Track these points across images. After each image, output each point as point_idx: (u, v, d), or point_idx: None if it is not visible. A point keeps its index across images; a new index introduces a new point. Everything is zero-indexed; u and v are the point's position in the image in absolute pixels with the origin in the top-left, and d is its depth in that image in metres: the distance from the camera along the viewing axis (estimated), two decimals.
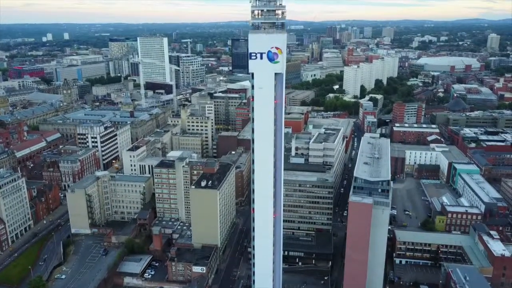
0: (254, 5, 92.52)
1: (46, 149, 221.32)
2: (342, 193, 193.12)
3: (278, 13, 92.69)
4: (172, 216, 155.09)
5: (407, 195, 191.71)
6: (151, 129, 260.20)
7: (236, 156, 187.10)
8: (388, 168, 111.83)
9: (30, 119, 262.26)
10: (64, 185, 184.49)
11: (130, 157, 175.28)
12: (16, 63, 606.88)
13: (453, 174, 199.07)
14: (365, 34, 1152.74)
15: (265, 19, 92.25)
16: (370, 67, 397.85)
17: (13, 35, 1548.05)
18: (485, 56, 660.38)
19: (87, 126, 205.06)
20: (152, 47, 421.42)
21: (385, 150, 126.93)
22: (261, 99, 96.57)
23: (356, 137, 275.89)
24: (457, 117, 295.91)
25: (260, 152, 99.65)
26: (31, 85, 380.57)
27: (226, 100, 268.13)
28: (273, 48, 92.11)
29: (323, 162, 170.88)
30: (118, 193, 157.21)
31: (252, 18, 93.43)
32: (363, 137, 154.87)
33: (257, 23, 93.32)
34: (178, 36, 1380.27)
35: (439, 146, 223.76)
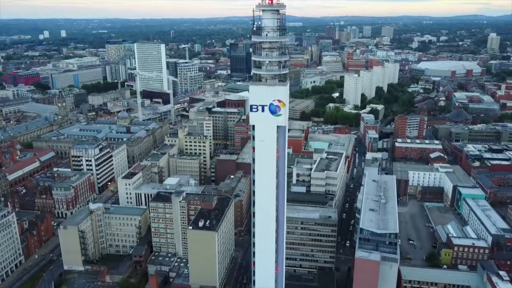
0: (256, 56, 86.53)
1: (39, 170, 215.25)
2: (344, 219, 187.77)
3: (280, 64, 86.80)
4: (169, 251, 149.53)
5: (411, 221, 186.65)
6: (148, 146, 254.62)
7: (235, 181, 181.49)
8: (396, 218, 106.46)
9: (24, 135, 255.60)
10: (58, 213, 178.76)
11: (125, 185, 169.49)
12: (12, 67, 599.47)
13: (457, 198, 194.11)
14: (364, 33, 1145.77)
15: (267, 70, 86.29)
16: (370, 75, 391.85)
17: (9, 32, 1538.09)
18: (486, 59, 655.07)
19: (82, 148, 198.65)
20: (149, 54, 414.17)
21: (391, 191, 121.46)
22: (262, 151, 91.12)
23: (358, 152, 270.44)
24: (460, 131, 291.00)
25: (261, 207, 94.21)
26: (25, 94, 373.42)
27: (225, 116, 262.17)
28: (275, 100, 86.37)
29: (325, 191, 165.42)
30: (112, 226, 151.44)
31: (254, 69, 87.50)
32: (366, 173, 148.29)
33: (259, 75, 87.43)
34: (176, 34, 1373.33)
35: (442, 166, 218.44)
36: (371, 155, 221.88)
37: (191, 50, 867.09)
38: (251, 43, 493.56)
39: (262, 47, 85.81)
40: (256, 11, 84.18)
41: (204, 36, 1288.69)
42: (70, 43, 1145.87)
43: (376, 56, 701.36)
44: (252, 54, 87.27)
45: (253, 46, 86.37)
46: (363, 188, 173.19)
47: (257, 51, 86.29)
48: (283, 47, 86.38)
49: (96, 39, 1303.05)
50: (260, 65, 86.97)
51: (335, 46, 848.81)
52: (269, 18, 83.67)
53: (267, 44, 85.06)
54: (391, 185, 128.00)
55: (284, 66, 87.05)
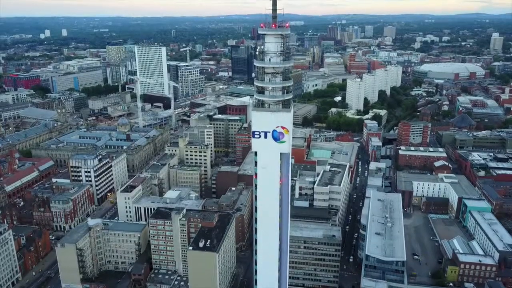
0: (259, 82, 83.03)
1: (38, 180, 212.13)
2: (347, 231, 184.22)
3: (284, 89, 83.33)
4: (169, 269, 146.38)
5: (415, 234, 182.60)
6: (148, 154, 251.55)
7: (236, 194, 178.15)
8: (403, 243, 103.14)
9: (22, 143, 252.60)
10: (56, 226, 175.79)
11: (124, 199, 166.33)
12: (12, 68, 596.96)
13: (463, 211, 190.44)
14: (366, 33, 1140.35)
15: (270, 96, 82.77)
16: (373, 79, 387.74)
17: (11, 31, 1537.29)
18: (489, 60, 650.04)
19: (81, 158, 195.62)
20: (150, 57, 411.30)
21: (397, 212, 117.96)
22: (265, 179, 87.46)
23: (361, 160, 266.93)
24: (464, 137, 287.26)
25: (264, 236, 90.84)
26: (25, 98, 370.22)
27: (226, 123, 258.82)
28: (278, 127, 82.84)
29: (329, 205, 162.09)
30: (111, 243, 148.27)
31: (257, 95, 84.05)
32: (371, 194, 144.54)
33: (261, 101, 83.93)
34: (177, 34, 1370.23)
35: (447, 176, 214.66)
36: (374, 165, 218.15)
37: (192, 50, 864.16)
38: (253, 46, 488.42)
39: (265, 72, 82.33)
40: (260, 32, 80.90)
41: (205, 36, 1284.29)
42: (71, 42, 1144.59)
43: (378, 57, 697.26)
44: (255, 79, 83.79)
45: (255, 70, 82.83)
46: (368, 202, 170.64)
47: (259, 76, 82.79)
48: (287, 71, 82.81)
49: (97, 38, 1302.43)
50: (263, 90, 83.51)
51: (337, 47, 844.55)
52: (272, 42, 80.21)
53: (270, 69, 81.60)
54: (397, 205, 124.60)
55: (288, 91, 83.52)
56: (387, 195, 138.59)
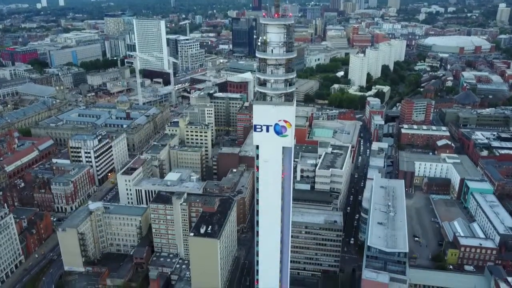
0: (261, 74, 79.93)
1: (38, 160, 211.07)
2: (348, 213, 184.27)
3: (287, 82, 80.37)
4: (171, 251, 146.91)
5: (416, 215, 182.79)
6: (149, 133, 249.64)
7: (237, 175, 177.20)
8: (405, 233, 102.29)
9: (21, 121, 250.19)
10: (57, 207, 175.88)
11: (125, 181, 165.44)
12: (9, 41, 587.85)
13: (465, 192, 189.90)
14: (370, 3, 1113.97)
15: (272, 89, 79.88)
16: (376, 54, 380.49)
17: (6, 1, 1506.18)
18: (495, 33, 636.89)
19: (80, 139, 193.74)
20: (149, 31, 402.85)
21: (400, 200, 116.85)
22: (266, 172, 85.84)
23: (363, 138, 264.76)
24: (468, 115, 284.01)
25: (266, 229, 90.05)
26: (23, 74, 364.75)
27: (227, 101, 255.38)
28: (280, 121, 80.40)
29: (330, 189, 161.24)
30: (113, 226, 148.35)
31: (258, 87, 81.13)
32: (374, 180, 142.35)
33: (263, 93, 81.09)
34: (177, 3, 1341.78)
35: (450, 157, 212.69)
36: (376, 145, 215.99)
37: (192, 22, 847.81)
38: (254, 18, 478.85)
39: (267, 64, 79.16)
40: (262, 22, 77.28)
41: (205, 6, 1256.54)
42: (68, 13, 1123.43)
43: (382, 29, 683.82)
44: (256, 71, 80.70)
45: (257, 61, 79.68)
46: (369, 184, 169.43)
47: (261, 67, 79.67)
48: (290, 63, 79.65)
49: (95, 8, 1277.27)
50: (265, 82, 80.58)
51: (340, 18, 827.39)
52: (274, 32, 76.67)
53: (272, 60, 78.40)
54: (400, 193, 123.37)
55: (291, 83, 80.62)
56: (389, 182, 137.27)
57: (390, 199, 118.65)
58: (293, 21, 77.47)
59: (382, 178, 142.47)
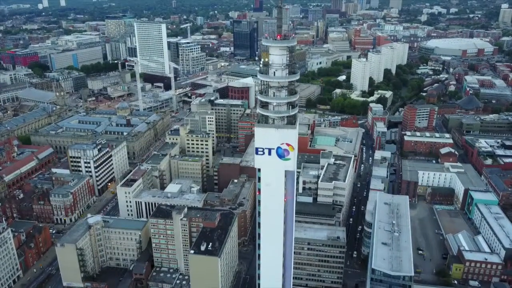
0: (262, 96, 77.63)
1: (37, 169, 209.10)
2: (351, 224, 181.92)
3: (289, 105, 78.05)
4: (171, 266, 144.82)
5: (420, 226, 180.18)
6: (149, 140, 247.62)
7: (238, 186, 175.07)
8: (410, 254, 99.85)
9: (21, 128, 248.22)
10: (56, 219, 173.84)
11: (125, 193, 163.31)
12: (10, 43, 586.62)
13: (469, 203, 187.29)
14: (372, 4, 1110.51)
15: (275, 112, 77.53)
16: (379, 57, 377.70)
17: (8, 1, 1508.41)
18: (498, 35, 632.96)
19: (80, 148, 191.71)
20: (150, 34, 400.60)
21: (405, 218, 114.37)
22: (268, 196, 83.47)
23: (365, 145, 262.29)
24: (471, 122, 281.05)
25: (267, 254, 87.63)
26: (23, 78, 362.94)
27: (228, 108, 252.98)
28: (283, 144, 78.08)
29: (333, 201, 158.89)
30: (112, 240, 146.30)
31: (260, 109, 78.81)
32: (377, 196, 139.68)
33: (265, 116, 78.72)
34: (178, 4, 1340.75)
35: (454, 166, 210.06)
36: (379, 154, 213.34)
37: (193, 23, 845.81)
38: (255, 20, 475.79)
39: (269, 86, 76.84)
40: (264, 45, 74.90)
41: (207, 6, 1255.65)
42: (69, 14, 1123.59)
43: (384, 31, 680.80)
44: (258, 93, 78.38)
45: (260, 84, 77.35)
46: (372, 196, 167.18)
47: (263, 89, 77.38)
48: (292, 85, 77.33)
49: (96, 9, 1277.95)
50: (267, 104, 78.27)
51: (341, 19, 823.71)
52: (277, 54, 74.33)
53: (275, 83, 76.08)
54: (404, 210, 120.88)
55: (294, 106, 78.28)
56: (393, 198, 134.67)
57: (394, 216, 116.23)
58: (295, 43, 75.09)
59: (386, 194, 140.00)
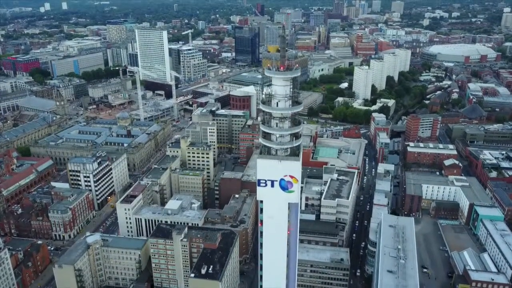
0: (265, 127, 75.04)
1: (36, 181, 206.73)
2: (354, 240, 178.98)
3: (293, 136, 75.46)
4: (171, 287, 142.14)
5: (424, 243, 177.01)
6: (150, 151, 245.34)
7: (240, 202, 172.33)
8: (417, 285, 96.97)
9: (20, 139, 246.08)
10: (55, 235, 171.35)
11: (124, 210, 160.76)
12: (11, 49, 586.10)
13: (474, 218, 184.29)
14: (374, 7, 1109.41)
15: (278, 143, 74.96)
16: (381, 65, 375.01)
17: (10, 4, 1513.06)
18: (500, 40, 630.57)
19: (79, 162, 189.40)
20: (151, 40, 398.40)
21: (411, 242, 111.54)
22: (271, 228, 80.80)
23: (368, 156, 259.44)
24: (475, 132, 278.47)
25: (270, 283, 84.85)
26: (24, 86, 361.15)
27: (229, 119, 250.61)
28: (286, 176, 75.49)
29: (336, 219, 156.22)
30: (111, 259, 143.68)
31: (262, 140, 76.23)
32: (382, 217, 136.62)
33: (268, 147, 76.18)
34: (180, 8, 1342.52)
35: (458, 179, 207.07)
36: (383, 167, 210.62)
37: (195, 27, 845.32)
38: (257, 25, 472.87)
39: (272, 116, 74.28)
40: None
41: (208, 10, 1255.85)
42: (71, 17, 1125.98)
43: (386, 36, 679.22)
44: (261, 125, 75.79)
45: (262, 114, 74.83)
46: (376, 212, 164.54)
47: (265, 120, 74.84)
48: (296, 115, 74.78)
49: (98, 12, 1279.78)
50: (270, 135, 75.67)
51: (343, 24, 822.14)
52: (280, 85, 71.82)
53: (277, 113, 73.51)
54: (410, 233, 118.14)
55: (297, 136, 75.70)
56: (398, 220, 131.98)
57: (399, 241, 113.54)
58: (299, 73, 72.56)
59: (391, 216, 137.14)
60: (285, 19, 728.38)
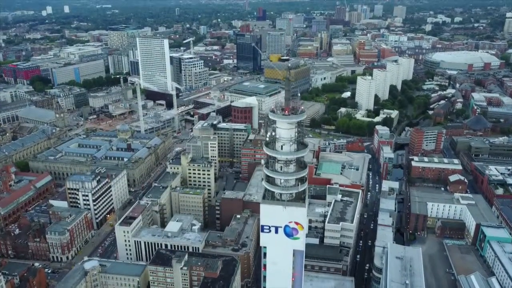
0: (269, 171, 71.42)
1: (35, 198, 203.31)
2: (358, 261, 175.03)
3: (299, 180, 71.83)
4: None
5: (430, 264, 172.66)
6: (150, 165, 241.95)
7: (241, 223, 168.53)
8: None
9: (19, 152, 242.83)
10: (53, 257, 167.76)
11: (123, 232, 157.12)
12: (12, 55, 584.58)
13: (480, 239, 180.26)
14: (376, 12, 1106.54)
15: (282, 188, 71.36)
16: (384, 74, 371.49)
17: (12, 6, 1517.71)
18: (503, 47, 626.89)
19: (78, 180, 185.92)
20: (152, 49, 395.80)
21: (419, 276, 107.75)
22: (275, 274, 77.08)
23: (371, 170, 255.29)
24: (480, 145, 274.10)
25: None
26: (24, 96, 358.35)
27: (231, 132, 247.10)
28: (291, 222, 71.88)
29: (340, 243, 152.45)
30: (109, 286, 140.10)
31: (266, 184, 72.61)
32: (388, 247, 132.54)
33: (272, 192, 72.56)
34: (181, 12, 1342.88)
35: (464, 197, 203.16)
36: (387, 184, 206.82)
37: (196, 32, 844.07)
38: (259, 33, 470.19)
39: (277, 160, 70.68)
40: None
41: (210, 14, 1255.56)
42: (73, 21, 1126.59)
43: (388, 42, 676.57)
44: (265, 168, 72.15)
45: (266, 158, 71.20)
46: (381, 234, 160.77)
47: (269, 163, 71.22)
48: (302, 157, 71.17)
49: (100, 16, 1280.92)
50: (274, 178, 72.06)
51: (345, 29, 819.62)
52: (285, 128, 68.23)
53: (282, 158, 69.88)
54: (418, 266, 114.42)
55: (303, 180, 72.05)
56: (406, 251, 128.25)
57: (407, 274, 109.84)
58: (305, 116, 68.99)
59: (397, 246, 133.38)
60: (287, 25, 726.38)
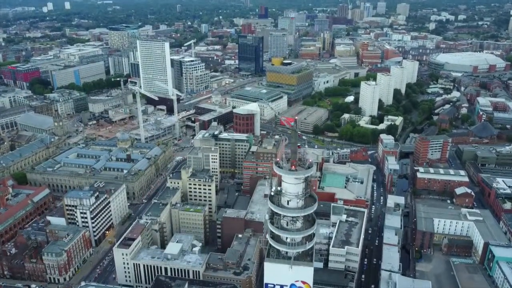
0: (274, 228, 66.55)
1: (32, 213, 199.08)
2: (362, 281, 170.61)
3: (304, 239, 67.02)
4: None
5: (437, 285, 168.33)
6: (150, 177, 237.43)
7: (243, 244, 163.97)
8: None
9: (17, 163, 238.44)
10: (49, 278, 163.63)
11: (122, 255, 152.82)
12: (12, 55, 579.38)
13: (489, 258, 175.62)
14: (378, 10, 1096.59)
15: (288, 246, 66.55)
16: (388, 79, 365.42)
17: (13, 3, 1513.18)
18: (508, 47, 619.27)
19: (76, 197, 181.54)
20: (153, 52, 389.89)
21: None
22: None
23: (375, 181, 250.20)
24: (487, 154, 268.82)
25: None
26: (23, 101, 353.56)
27: (233, 143, 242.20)
28: (298, 282, 67.14)
29: (345, 267, 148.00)
30: None
31: (272, 241, 67.77)
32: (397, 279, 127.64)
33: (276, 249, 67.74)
34: (183, 8, 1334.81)
35: (471, 213, 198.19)
36: (392, 200, 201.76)
37: (198, 31, 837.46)
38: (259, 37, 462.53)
39: (282, 215, 65.79)
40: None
41: (211, 11, 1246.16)
42: (74, 18, 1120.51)
43: (391, 41, 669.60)
44: (269, 224, 67.35)
45: (270, 213, 66.33)
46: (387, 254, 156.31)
47: (275, 220, 66.34)
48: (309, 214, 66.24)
49: (101, 13, 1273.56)
50: (279, 236, 67.21)
51: (348, 27, 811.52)
52: (291, 183, 63.30)
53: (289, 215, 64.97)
54: None
55: (311, 238, 67.17)
56: (414, 284, 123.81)
57: None
58: (313, 171, 63.99)
59: (405, 279, 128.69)
60: (289, 24, 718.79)
